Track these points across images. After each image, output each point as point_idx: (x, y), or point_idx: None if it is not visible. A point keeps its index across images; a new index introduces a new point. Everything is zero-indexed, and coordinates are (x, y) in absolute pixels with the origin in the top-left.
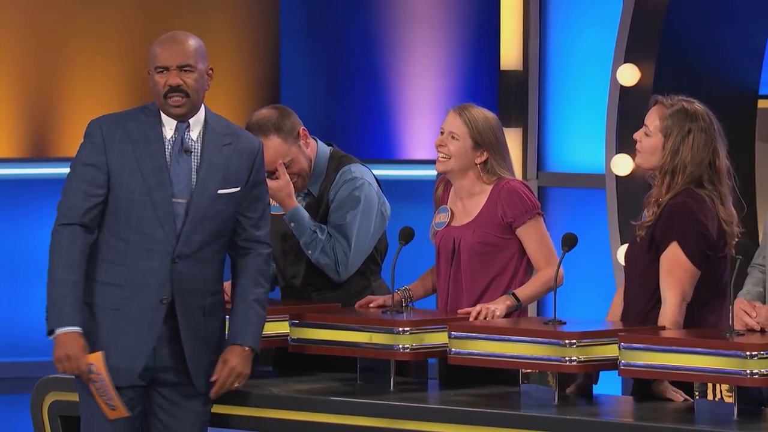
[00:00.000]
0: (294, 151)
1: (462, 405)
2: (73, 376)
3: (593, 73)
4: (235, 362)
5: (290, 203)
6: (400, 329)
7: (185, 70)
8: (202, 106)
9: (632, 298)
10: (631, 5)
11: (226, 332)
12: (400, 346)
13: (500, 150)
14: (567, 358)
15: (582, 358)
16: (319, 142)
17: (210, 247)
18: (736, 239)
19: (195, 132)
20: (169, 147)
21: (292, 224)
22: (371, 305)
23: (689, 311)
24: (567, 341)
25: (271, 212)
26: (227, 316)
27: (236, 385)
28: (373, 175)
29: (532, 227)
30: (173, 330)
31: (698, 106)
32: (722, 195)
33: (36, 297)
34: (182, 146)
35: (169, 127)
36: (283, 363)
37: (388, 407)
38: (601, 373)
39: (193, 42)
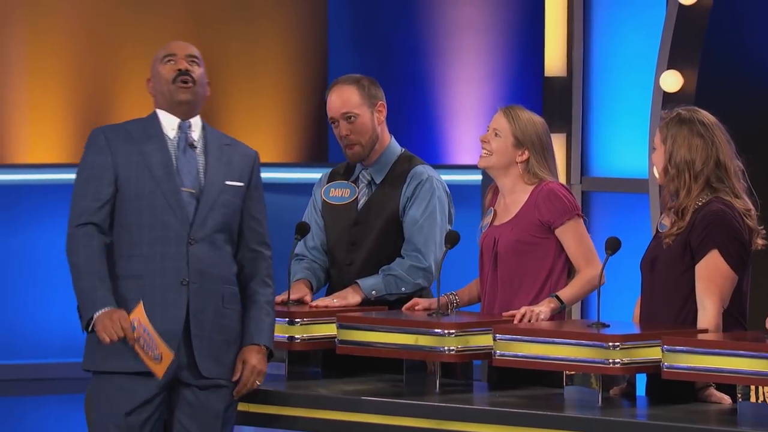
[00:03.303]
0: (364, 110)
1: (506, 406)
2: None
3: (636, 79)
4: (255, 361)
5: (358, 295)
6: (446, 331)
7: (192, 61)
8: (199, 116)
9: (657, 303)
10: (675, 12)
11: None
12: (446, 348)
13: (543, 152)
14: (610, 361)
15: (625, 360)
16: (393, 138)
17: (220, 235)
18: (760, 238)
19: (196, 133)
20: (174, 144)
21: (373, 292)
22: (417, 308)
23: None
24: (610, 344)
25: (330, 201)
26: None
27: (257, 383)
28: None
29: (571, 228)
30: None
31: (698, 113)
32: (734, 189)
33: None
34: (186, 142)
35: (170, 127)
36: (330, 364)
37: (434, 408)
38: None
39: (195, 48)
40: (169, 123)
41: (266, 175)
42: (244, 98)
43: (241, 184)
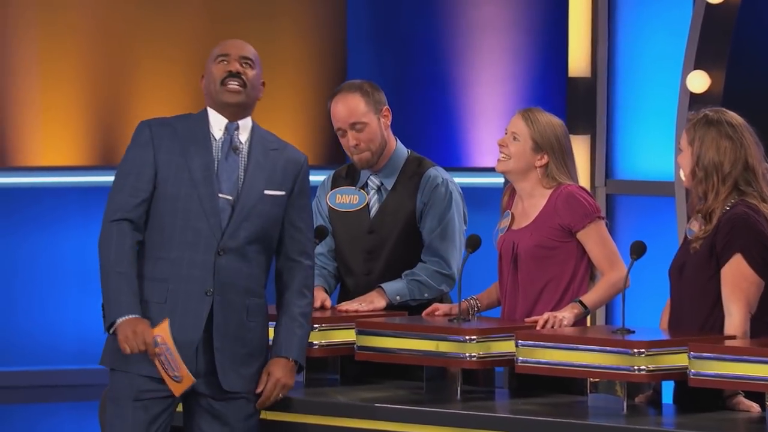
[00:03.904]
0: (371, 117)
1: (529, 414)
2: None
3: (662, 79)
4: (279, 374)
5: (383, 300)
6: (467, 338)
7: (246, 63)
8: (250, 117)
9: (685, 309)
10: (702, 11)
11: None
12: (467, 354)
13: (562, 155)
14: (636, 368)
15: (651, 367)
16: (398, 140)
17: (254, 246)
18: None
19: (243, 135)
20: (218, 146)
21: (398, 297)
22: (437, 313)
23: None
24: (636, 350)
25: (338, 208)
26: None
27: (280, 396)
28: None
29: (593, 231)
30: (212, 337)
31: (725, 114)
32: (761, 193)
33: None
34: (230, 145)
35: (218, 127)
36: (349, 371)
37: (455, 416)
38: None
39: (253, 48)
40: (217, 123)
41: None
42: (261, 99)
43: (282, 192)
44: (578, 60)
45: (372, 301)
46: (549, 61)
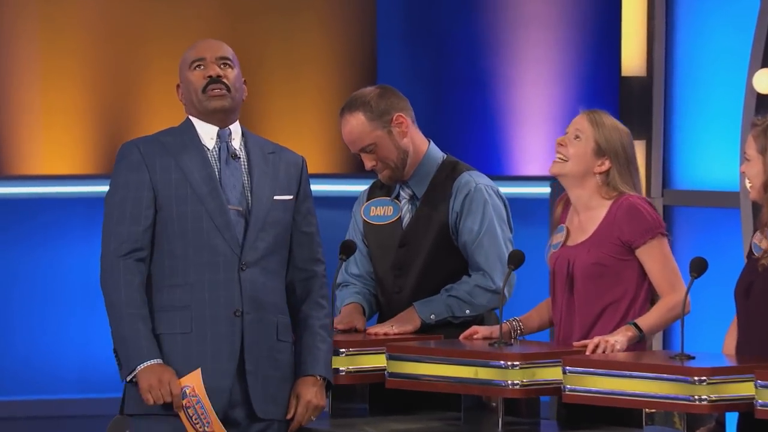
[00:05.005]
0: (379, 134)
1: None
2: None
3: (726, 79)
4: (309, 395)
5: (416, 321)
6: (510, 363)
7: (224, 64)
8: (238, 121)
9: (753, 333)
10: None
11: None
12: (509, 382)
13: (626, 164)
14: (696, 397)
15: (713, 397)
16: (431, 144)
17: (274, 256)
18: None
19: (236, 141)
20: (214, 155)
21: (432, 316)
22: (476, 336)
23: None
24: (696, 378)
25: (372, 221)
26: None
27: (312, 418)
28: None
29: (655, 248)
30: (244, 361)
31: None
32: None
33: None
34: (228, 152)
35: (209, 137)
36: (379, 400)
37: None
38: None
39: (228, 46)
40: (207, 132)
41: None
42: (282, 101)
43: (290, 197)
44: (632, 57)
45: (404, 323)
46: (600, 58)
